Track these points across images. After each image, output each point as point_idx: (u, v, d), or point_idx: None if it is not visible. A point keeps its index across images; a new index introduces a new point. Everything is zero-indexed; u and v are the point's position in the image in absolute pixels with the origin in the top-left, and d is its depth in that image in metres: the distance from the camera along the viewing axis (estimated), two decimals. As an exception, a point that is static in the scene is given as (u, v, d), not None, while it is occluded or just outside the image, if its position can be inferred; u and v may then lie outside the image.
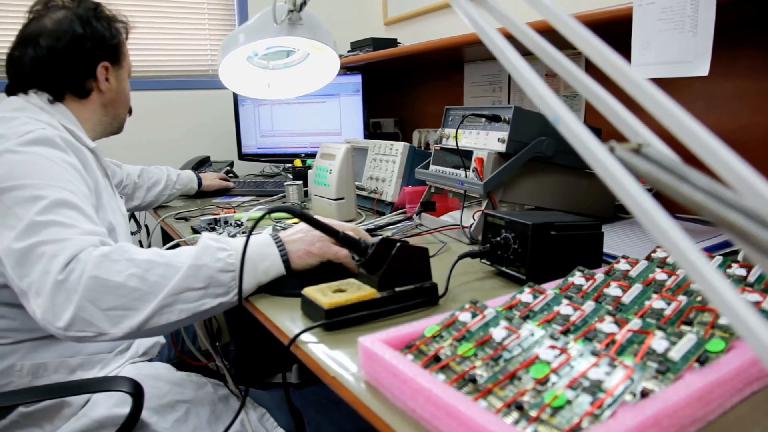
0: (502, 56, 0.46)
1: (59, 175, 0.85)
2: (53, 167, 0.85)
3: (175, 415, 0.95)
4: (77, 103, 1.06)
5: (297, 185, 1.43)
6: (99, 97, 1.09)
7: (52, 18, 1.02)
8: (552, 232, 0.78)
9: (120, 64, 1.11)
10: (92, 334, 0.70)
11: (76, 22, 1.02)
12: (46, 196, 0.79)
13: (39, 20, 1.03)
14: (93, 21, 1.04)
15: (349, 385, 0.54)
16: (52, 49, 1.01)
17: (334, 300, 0.66)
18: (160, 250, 0.76)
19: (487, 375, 0.48)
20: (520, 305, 0.61)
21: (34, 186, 0.80)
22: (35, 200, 0.79)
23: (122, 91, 1.14)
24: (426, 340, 0.55)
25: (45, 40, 1.00)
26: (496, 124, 1.04)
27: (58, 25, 1.02)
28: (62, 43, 1.01)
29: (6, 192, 0.80)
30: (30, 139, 0.87)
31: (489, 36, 0.47)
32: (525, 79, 0.43)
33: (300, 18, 0.95)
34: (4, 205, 0.79)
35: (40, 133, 0.88)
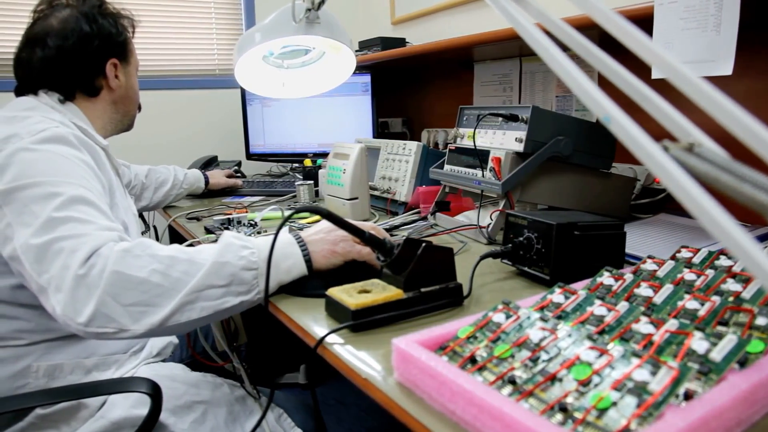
0: (547, 56, 0.45)
1: (74, 172, 0.84)
2: (68, 164, 0.85)
3: (193, 416, 0.94)
4: (88, 101, 1.05)
5: (308, 185, 1.42)
6: (109, 94, 1.08)
7: (58, 17, 1.01)
8: (576, 232, 0.77)
9: (128, 61, 1.11)
10: (113, 330, 0.69)
11: (82, 20, 1.02)
12: (63, 192, 0.79)
13: (44, 20, 1.02)
14: (99, 18, 1.04)
15: (383, 387, 0.54)
16: (61, 48, 1.00)
17: (361, 301, 0.66)
18: (182, 247, 0.76)
19: (525, 376, 0.48)
20: (552, 306, 0.60)
21: (49, 183, 0.80)
22: (52, 197, 0.78)
23: (132, 88, 1.13)
24: (460, 341, 0.54)
25: (52, 40, 1.00)
26: (513, 124, 1.03)
27: (64, 24, 1.01)
28: (70, 43, 1.00)
29: (22, 189, 0.79)
30: (44, 137, 0.86)
31: (532, 35, 0.47)
32: (574, 79, 0.43)
33: (317, 17, 0.94)
34: (20, 203, 0.79)
35: (54, 131, 0.88)
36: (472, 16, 1.78)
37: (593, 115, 1.37)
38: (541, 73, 1.49)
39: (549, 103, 1.47)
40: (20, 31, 1.04)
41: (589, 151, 1.06)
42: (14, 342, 0.88)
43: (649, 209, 1.22)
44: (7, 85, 1.75)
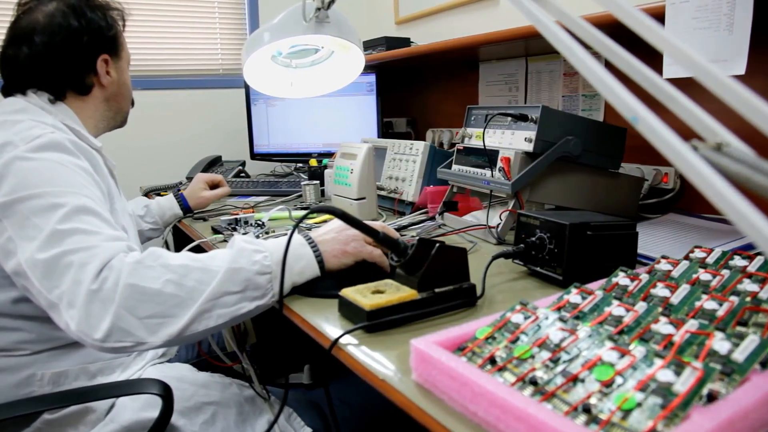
0: (571, 55, 0.45)
1: (74, 180, 0.81)
2: (67, 173, 0.82)
3: (203, 418, 0.94)
4: (79, 100, 1.00)
5: (314, 185, 1.42)
6: (101, 92, 1.03)
7: (44, 11, 0.96)
8: (588, 232, 0.77)
9: (119, 55, 1.05)
10: (130, 344, 0.68)
11: (69, 15, 0.96)
12: (65, 203, 0.76)
13: (30, 15, 0.96)
14: (87, 12, 0.98)
15: (401, 388, 0.54)
16: (48, 45, 0.94)
17: (375, 301, 0.65)
18: (193, 254, 0.75)
19: (547, 377, 0.48)
20: (569, 306, 0.60)
21: (50, 194, 0.77)
22: (54, 208, 0.75)
23: (124, 84, 1.08)
24: (479, 342, 0.54)
25: (39, 36, 0.94)
26: (522, 124, 1.03)
27: (51, 19, 0.95)
28: (58, 39, 0.95)
29: (22, 201, 0.76)
30: (40, 145, 0.82)
31: (556, 35, 0.47)
32: (600, 79, 0.43)
33: (327, 16, 0.94)
34: (21, 216, 0.76)
35: (50, 137, 0.84)
36: (476, 16, 1.78)
37: (600, 115, 1.37)
38: (547, 73, 1.48)
39: (555, 102, 1.47)
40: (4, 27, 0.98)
41: (598, 151, 1.06)
42: (17, 352, 0.87)
43: (656, 209, 1.22)
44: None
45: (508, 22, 1.62)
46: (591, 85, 1.37)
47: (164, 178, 1.91)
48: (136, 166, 1.90)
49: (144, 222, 1.34)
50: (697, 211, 1.15)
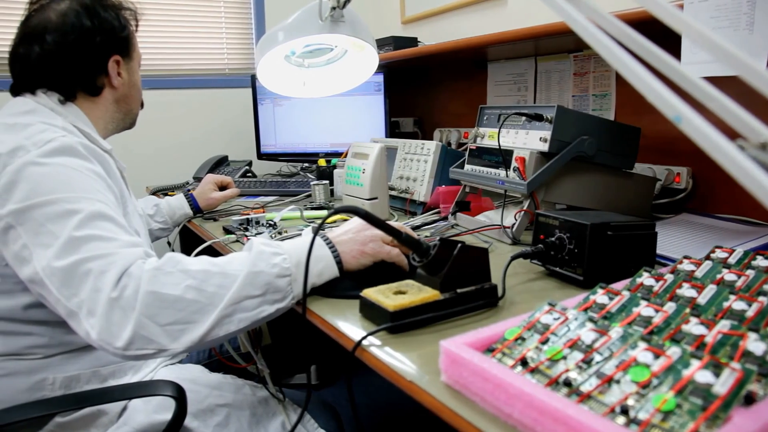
0: (609, 55, 0.45)
1: (88, 186, 0.80)
2: (81, 178, 0.80)
3: (216, 420, 0.93)
4: (89, 101, 0.99)
5: (323, 185, 1.42)
6: (111, 93, 1.01)
7: (56, 10, 0.94)
8: (609, 233, 0.77)
9: (131, 56, 1.04)
10: (152, 351, 0.67)
11: (82, 14, 0.94)
12: (81, 209, 0.75)
13: (42, 13, 0.94)
14: (100, 11, 0.97)
15: (430, 389, 0.53)
16: (60, 45, 0.92)
17: (398, 302, 0.65)
18: (211, 258, 0.74)
19: (581, 378, 0.47)
20: (596, 307, 0.59)
21: (65, 200, 0.75)
22: (69, 215, 0.74)
23: (134, 85, 1.06)
24: (509, 342, 0.54)
25: (51, 35, 0.92)
26: (537, 123, 1.03)
27: (63, 18, 0.93)
28: (70, 39, 0.93)
29: (36, 208, 0.75)
30: (52, 149, 0.81)
31: (593, 34, 0.46)
32: (640, 78, 0.42)
33: (342, 15, 0.94)
34: (35, 222, 0.74)
35: (62, 141, 0.83)
36: (483, 16, 1.78)
37: (611, 115, 1.37)
38: (557, 73, 1.48)
39: (565, 102, 1.47)
40: (10, 28, 0.96)
41: (612, 151, 1.06)
42: (29, 356, 0.86)
43: (668, 209, 1.22)
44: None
45: (517, 22, 1.63)
46: (602, 85, 1.37)
47: (170, 179, 1.90)
48: (142, 167, 1.90)
49: (154, 221, 1.33)
50: (711, 211, 1.15)
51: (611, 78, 1.35)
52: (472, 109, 1.83)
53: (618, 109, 1.36)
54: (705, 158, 1.45)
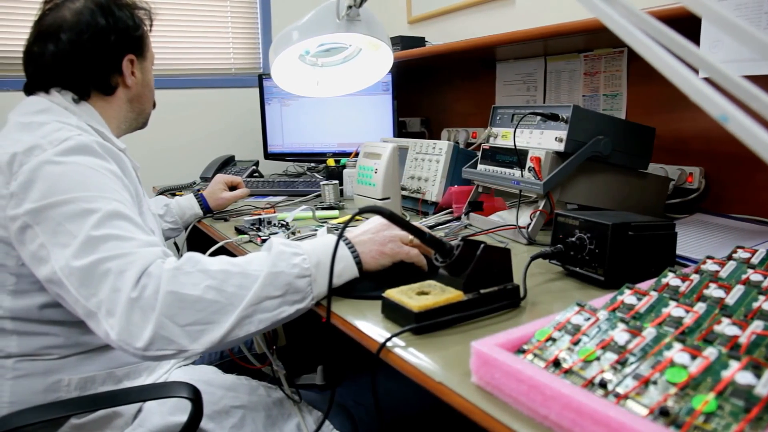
0: (649, 54, 0.44)
1: (105, 185, 0.79)
2: (98, 177, 0.80)
3: (231, 422, 0.93)
4: (103, 100, 0.98)
5: (333, 185, 1.41)
6: (125, 92, 1.01)
7: (71, 8, 0.93)
8: (630, 233, 0.77)
9: (144, 56, 1.04)
10: (172, 351, 0.67)
11: (97, 13, 0.94)
12: (98, 208, 0.74)
13: (56, 12, 0.94)
14: (115, 10, 0.97)
15: (460, 391, 0.53)
16: (75, 43, 0.92)
17: (423, 303, 0.64)
18: (231, 258, 0.74)
19: (616, 380, 0.47)
20: (624, 307, 0.59)
21: (82, 199, 0.75)
22: (87, 214, 0.74)
23: (147, 85, 1.06)
24: (540, 343, 0.53)
25: (66, 34, 0.92)
26: (552, 123, 1.02)
27: (78, 16, 0.93)
28: (85, 37, 0.93)
29: (53, 207, 0.74)
30: (68, 148, 0.80)
31: (631, 33, 0.46)
32: (684, 78, 0.42)
33: (358, 14, 0.93)
34: (53, 222, 0.74)
35: (78, 140, 0.82)
36: (491, 16, 1.77)
37: (622, 115, 1.36)
38: (567, 72, 1.48)
39: (575, 102, 1.46)
40: (23, 27, 0.95)
41: (627, 151, 1.05)
42: (45, 357, 0.85)
43: (680, 209, 1.22)
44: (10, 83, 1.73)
45: (525, 22, 1.62)
46: (613, 85, 1.37)
47: (177, 179, 1.89)
48: (149, 167, 1.87)
49: (164, 222, 1.33)
50: (724, 211, 1.15)
51: (622, 78, 1.35)
52: (480, 108, 1.83)
53: (629, 110, 1.35)
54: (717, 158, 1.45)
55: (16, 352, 0.83)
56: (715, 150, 1.19)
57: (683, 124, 1.25)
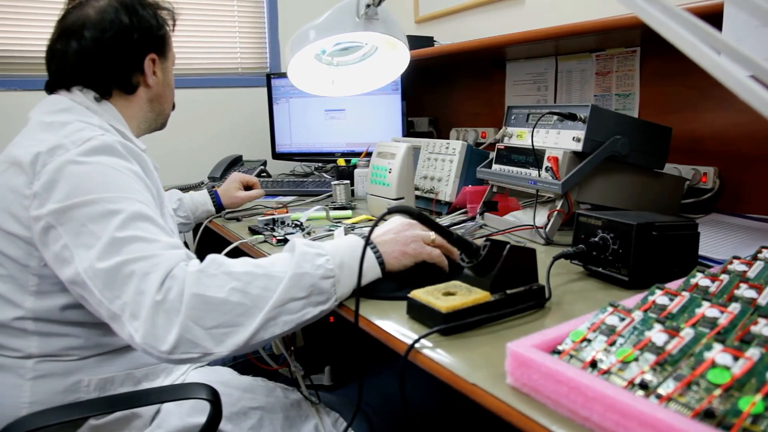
0: (695, 52, 0.44)
1: (128, 186, 0.79)
2: (121, 178, 0.79)
3: (249, 423, 0.92)
4: (124, 100, 0.98)
5: (345, 184, 1.41)
6: (145, 92, 1.00)
7: (95, 6, 0.93)
8: (653, 233, 0.76)
9: (166, 56, 1.04)
10: (197, 355, 0.66)
11: (121, 11, 0.94)
12: (122, 209, 0.74)
13: (80, 9, 0.94)
14: (139, 9, 0.96)
15: (496, 392, 0.52)
16: (98, 41, 0.92)
17: (451, 303, 0.64)
18: (253, 260, 0.73)
19: (656, 380, 0.46)
20: (656, 308, 0.59)
21: (106, 200, 0.74)
22: (111, 215, 0.73)
23: (169, 85, 1.06)
24: (575, 344, 0.53)
25: (90, 31, 0.91)
26: (569, 123, 1.02)
27: (102, 14, 0.93)
28: (108, 35, 0.92)
29: (77, 208, 0.74)
30: (91, 148, 0.80)
31: (676, 32, 0.45)
32: (733, 77, 0.41)
33: (376, 13, 0.93)
34: (76, 223, 0.73)
35: (101, 140, 0.81)
36: (500, 15, 1.77)
37: (634, 114, 1.36)
38: (578, 72, 1.48)
39: (587, 102, 1.46)
40: (40, 27, 0.95)
41: (644, 151, 1.05)
42: (65, 358, 0.85)
43: (694, 209, 1.22)
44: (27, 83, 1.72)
45: (535, 21, 1.62)
46: (625, 85, 1.37)
47: (185, 178, 1.89)
48: (156, 166, 1.88)
49: (176, 215, 1.32)
50: (739, 211, 1.15)
51: (635, 77, 1.34)
52: (489, 108, 1.83)
53: (641, 109, 1.35)
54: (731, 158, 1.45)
55: (36, 352, 0.82)
56: (729, 150, 1.19)
57: (696, 124, 1.25)
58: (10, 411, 0.82)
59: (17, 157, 0.80)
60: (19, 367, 0.83)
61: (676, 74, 1.27)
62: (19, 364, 0.83)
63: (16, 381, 0.83)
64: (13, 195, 0.79)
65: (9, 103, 1.71)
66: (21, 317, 0.82)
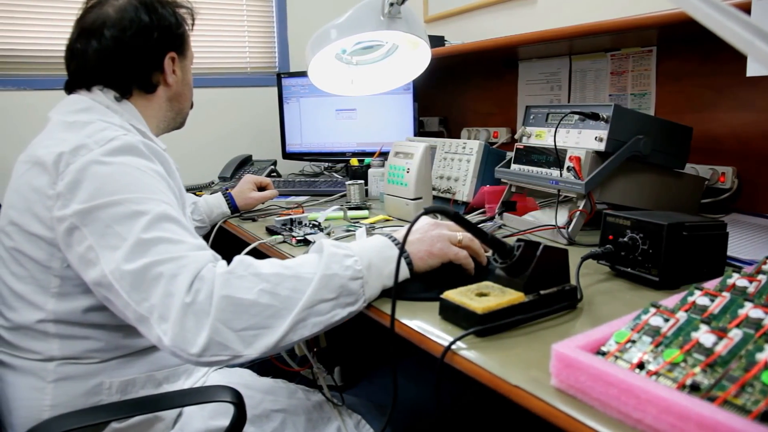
0: (755, 51, 0.43)
1: (153, 186, 0.78)
2: (145, 178, 0.78)
3: (272, 426, 0.92)
4: (144, 99, 0.97)
5: (359, 184, 1.40)
6: (165, 91, 1.00)
7: (114, 5, 0.93)
8: (684, 233, 0.76)
9: (185, 54, 1.03)
10: (227, 357, 0.66)
11: (141, 10, 0.93)
12: (147, 210, 0.73)
13: (99, 8, 0.93)
14: (158, 7, 0.96)
15: (541, 394, 0.52)
16: (118, 39, 0.91)
17: (486, 304, 0.63)
18: (281, 261, 0.72)
19: (708, 382, 0.46)
20: (697, 308, 0.58)
21: (131, 200, 0.74)
22: (136, 216, 0.72)
23: (188, 84, 1.05)
24: (620, 346, 0.52)
25: (110, 30, 0.91)
26: (590, 122, 1.02)
27: (122, 13, 0.92)
28: (129, 34, 0.92)
29: (102, 209, 0.73)
30: (115, 148, 0.79)
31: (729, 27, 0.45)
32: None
33: (399, 11, 0.92)
34: (101, 224, 0.72)
35: (124, 140, 0.81)
36: (511, 15, 1.77)
37: (650, 113, 1.36)
38: (593, 72, 1.47)
39: (602, 101, 1.46)
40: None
41: (665, 150, 1.05)
42: (87, 360, 0.84)
43: (711, 209, 1.22)
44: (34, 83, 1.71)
45: (547, 20, 1.62)
46: (641, 84, 1.37)
47: (195, 178, 1.88)
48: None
49: (191, 219, 1.31)
50: (759, 211, 1.14)
51: (651, 77, 1.34)
52: (501, 108, 1.82)
53: (657, 109, 1.35)
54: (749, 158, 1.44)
55: (58, 355, 0.81)
56: (748, 150, 1.19)
57: (713, 124, 1.24)
58: (32, 414, 0.81)
59: (40, 157, 0.79)
60: (40, 369, 0.82)
61: (693, 74, 1.26)
62: (41, 367, 0.82)
63: (38, 384, 0.82)
64: (36, 195, 0.78)
65: (19, 103, 1.70)
66: (42, 320, 0.81)
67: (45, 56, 1.77)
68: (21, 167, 0.83)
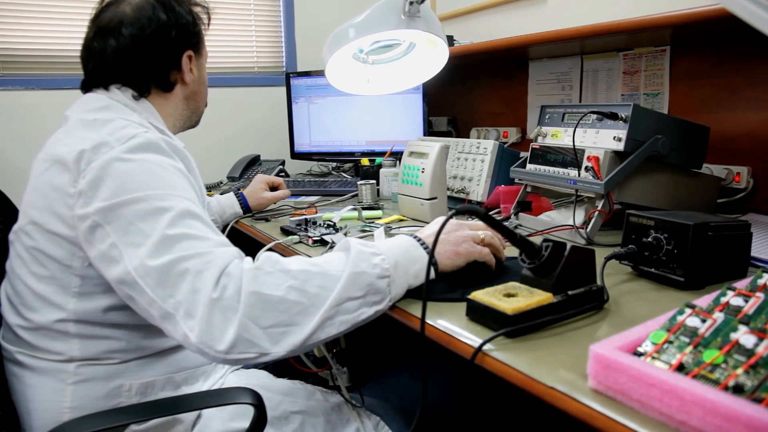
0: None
1: (175, 183, 0.77)
2: (167, 175, 0.78)
3: (292, 427, 0.91)
4: (161, 97, 0.96)
5: (371, 184, 1.39)
6: (182, 89, 0.99)
7: (131, 4, 0.92)
8: (709, 233, 0.76)
9: (201, 53, 1.03)
10: (254, 355, 0.65)
11: (158, 8, 0.92)
12: (171, 207, 0.72)
13: (116, 6, 0.92)
14: (175, 6, 0.95)
15: (578, 396, 0.51)
16: (137, 38, 0.90)
17: (516, 305, 0.63)
18: (309, 258, 0.72)
19: (751, 383, 0.45)
20: (731, 308, 0.58)
21: (154, 197, 0.73)
22: (160, 212, 0.71)
23: (204, 82, 1.05)
24: (658, 347, 0.52)
25: (128, 29, 0.90)
26: (608, 122, 1.01)
27: (139, 11, 0.91)
28: (147, 32, 0.91)
29: (125, 206, 0.72)
30: (136, 145, 0.78)
31: None
32: None
33: (419, 10, 0.92)
34: (124, 221, 0.72)
35: (145, 137, 0.80)
36: (521, 15, 1.76)
37: (664, 113, 1.35)
38: (605, 71, 1.47)
39: (614, 101, 1.46)
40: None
41: (683, 150, 1.04)
42: (106, 361, 0.83)
43: (726, 209, 1.21)
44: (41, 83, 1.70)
45: (557, 19, 1.61)
46: (654, 84, 1.36)
47: (204, 178, 1.85)
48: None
49: None
50: (774, 211, 1.14)
51: (664, 77, 1.34)
52: (510, 108, 1.82)
53: (671, 109, 1.35)
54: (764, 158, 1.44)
55: (78, 356, 0.81)
56: (763, 150, 1.19)
57: (727, 124, 1.24)
58: (52, 416, 0.81)
59: (60, 155, 0.78)
60: (60, 371, 0.81)
61: (707, 74, 1.26)
62: (61, 368, 0.81)
63: (58, 385, 0.81)
64: (57, 194, 0.77)
65: (26, 102, 1.69)
66: (63, 319, 0.80)
67: (52, 56, 1.76)
68: (40, 166, 0.82)
